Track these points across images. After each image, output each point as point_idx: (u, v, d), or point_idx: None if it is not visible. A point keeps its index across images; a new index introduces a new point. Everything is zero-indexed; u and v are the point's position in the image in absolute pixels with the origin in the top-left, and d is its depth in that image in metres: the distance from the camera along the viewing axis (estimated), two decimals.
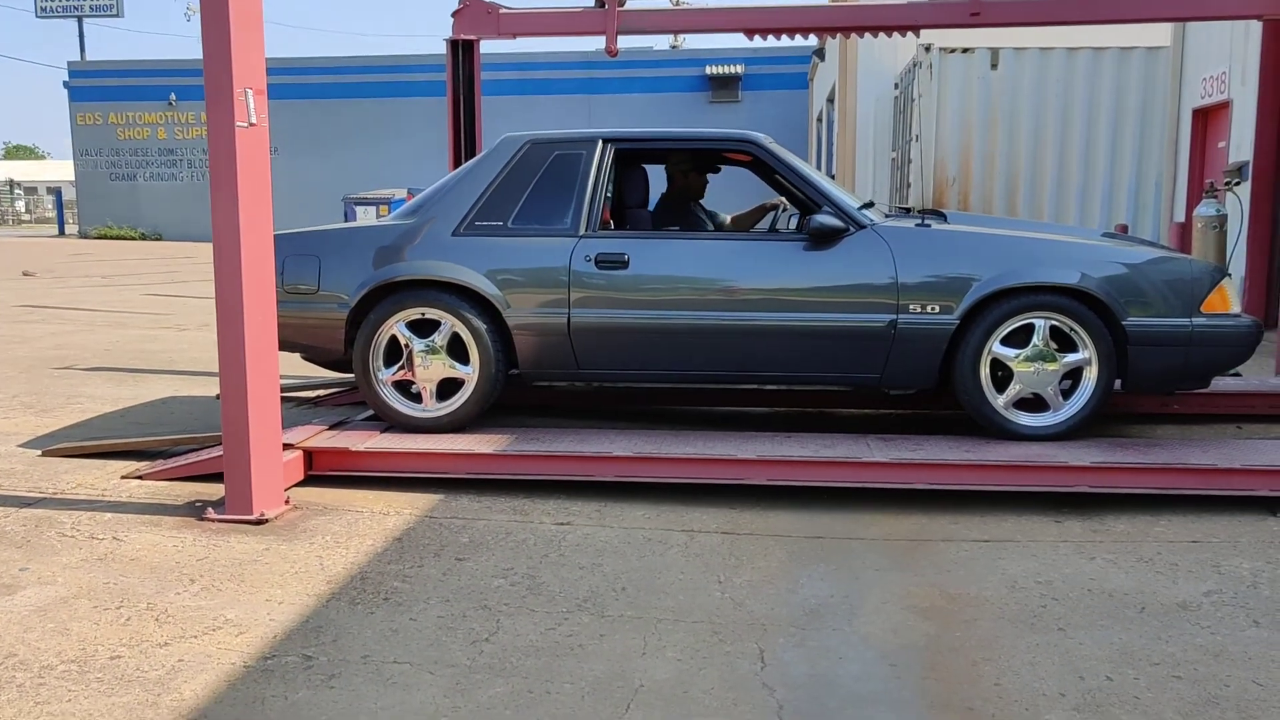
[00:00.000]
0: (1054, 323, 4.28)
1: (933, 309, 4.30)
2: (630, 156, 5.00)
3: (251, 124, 3.72)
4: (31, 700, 2.46)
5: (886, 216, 4.82)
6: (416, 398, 4.60)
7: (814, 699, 2.49)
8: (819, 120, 22.69)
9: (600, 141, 4.68)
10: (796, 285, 4.42)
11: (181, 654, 2.72)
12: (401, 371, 4.56)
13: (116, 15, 34.80)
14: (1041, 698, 2.48)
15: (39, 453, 4.76)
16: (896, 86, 13.57)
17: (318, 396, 5.78)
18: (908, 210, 5.35)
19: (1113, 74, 11.21)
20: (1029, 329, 4.29)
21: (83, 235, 32.71)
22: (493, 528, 3.76)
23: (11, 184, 50.51)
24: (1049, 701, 2.46)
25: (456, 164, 6.28)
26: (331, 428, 4.60)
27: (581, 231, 4.55)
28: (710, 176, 5.54)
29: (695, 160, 5.36)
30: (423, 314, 4.53)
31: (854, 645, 2.79)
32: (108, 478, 4.35)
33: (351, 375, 4.88)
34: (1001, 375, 4.35)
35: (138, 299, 12.61)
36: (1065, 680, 2.57)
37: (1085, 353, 4.29)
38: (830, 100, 18.76)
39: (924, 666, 2.66)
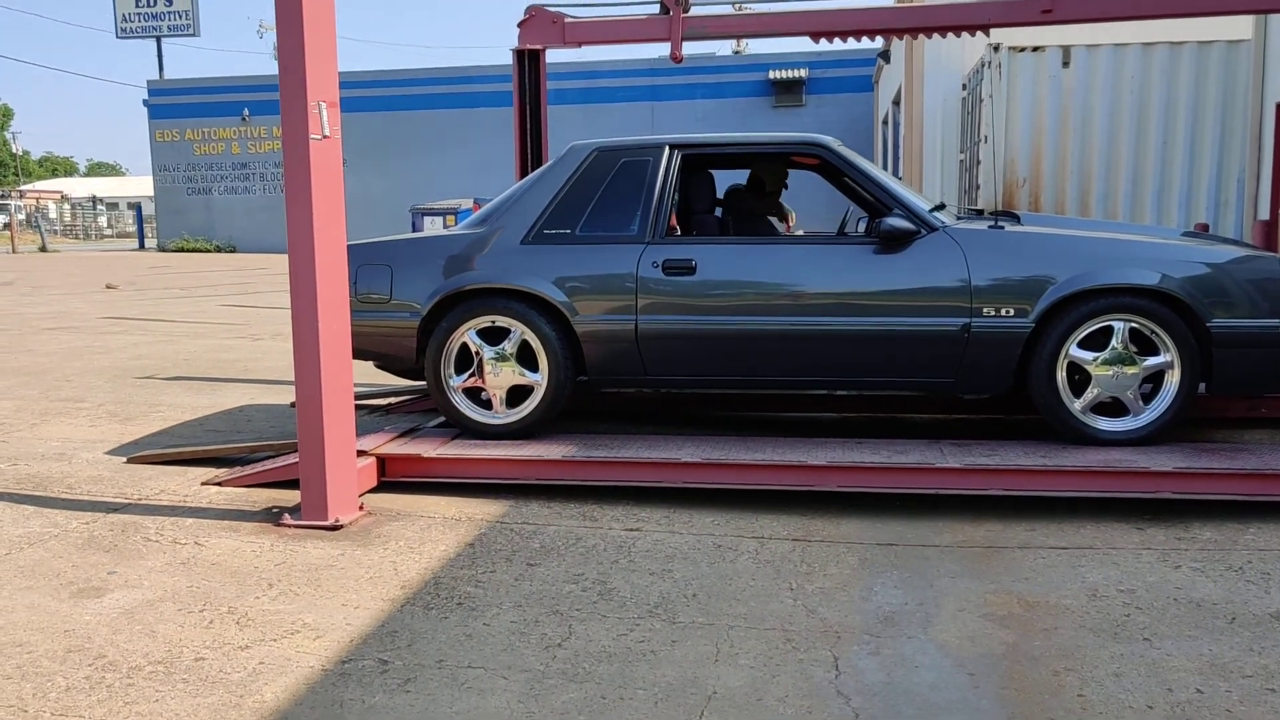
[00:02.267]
0: (1134, 325, 4.17)
1: (1007, 312, 4.22)
2: (696, 162, 5.01)
3: (325, 136, 3.79)
4: (121, 700, 2.53)
5: (958, 218, 4.75)
6: (487, 405, 4.64)
7: (890, 707, 2.45)
8: (884, 123, 22.45)
9: (667, 148, 4.68)
10: (867, 289, 4.37)
11: (262, 657, 2.77)
12: (472, 379, 4.61)
13: (193, 34, 35.81)
14: (1128, 710, 2.41)
15: (124, 460, 4.91)
16: (964, 87, 13.36)
17: (390, 404, 5.87)
18: (980, 212, 5.26)
19: (1191, 69, 10.91)
20: (1108, 331, 4.19)
21: (161, 249, 33.69)
22: (563, 533, 3.77)
23: (94, 200, 52.25)
24: (1136, 714, 2.39)
25: (523, 173, 6.33)
26: (403, 435, 4.66)
27: (648, 238, 4.55)
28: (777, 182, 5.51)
29: (762, 165, 5.33)
30: (493, 321, 4.58)
31: (930, 653, 2.74)
32: (188, 484, 4.46)
33: (423, 383, 4.94)
34: (1079, 379, 4.26)
35: (214, 310, 12.94)
36: (1153, 692, 2.49)
37: (1167, 355, 4.17)
38: (896, 102, 18.55)
39: (1003, 676, 2.61)
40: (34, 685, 2.61)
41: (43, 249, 34.93)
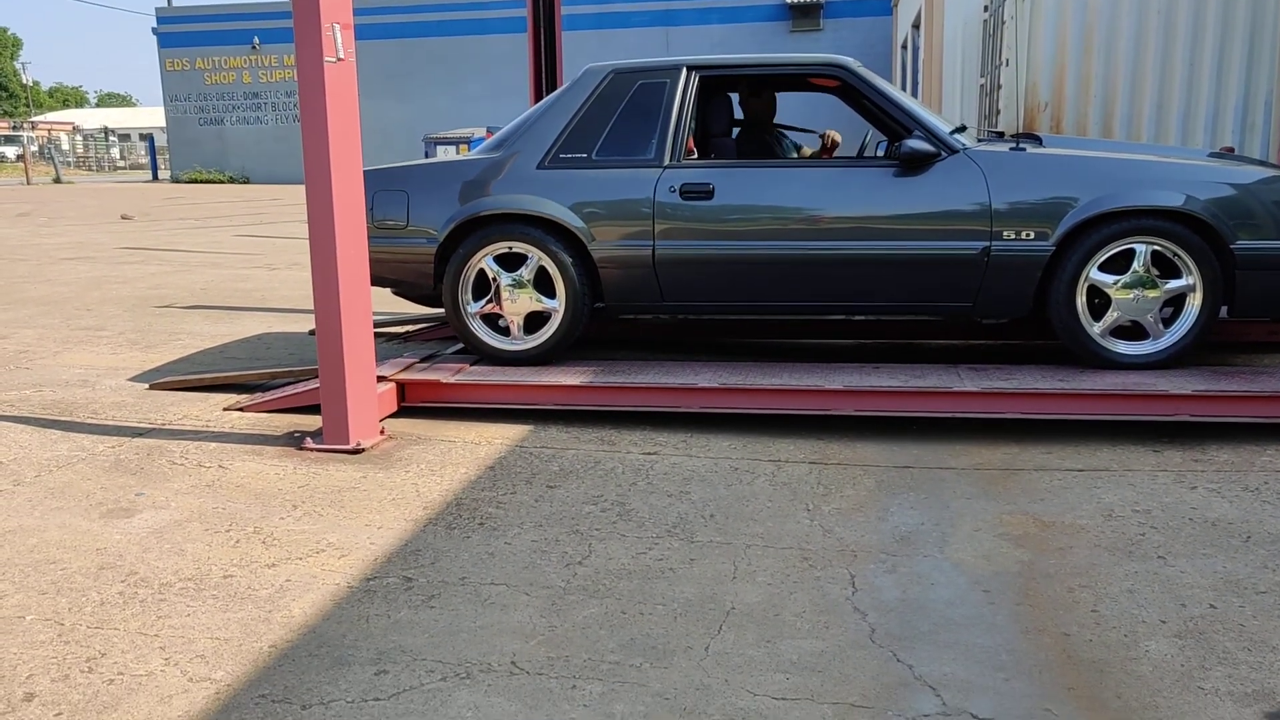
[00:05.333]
0: (1156, 248, 4.13)
1: (1027, 235, 4.18)
2: (714, 84, 4.93)
3: (340, 59, 3.75)
4: (154, 614, 2.60)
5: (979, 140, 4.68)
6: (505, 331, 4.65)
7: (905, 622, 2.49)
8: (904, 47, 22.01)
9: (684, 69, 4.61)
10: (886, 213, 4.33)
11: (288, 574, 2.83)
12: (490, 305, 4.62)
13: None
14: (1141, 625, 2.44)
15: (146, 386, 4.96)
16: (986, 9, 13.05)
17: (408, 331, 5.90)
18: (1001, 134, 5.19)
19: None
20: (1129, 254, 4.15)
21: (174, 180, 33.60)
22: (582, 457, 3.81)
23: (106, 131, 52.00)
24: (1149, 629, 2.42)
25: (538, 99, 6.26)
26: (422, 361, 4.69)
27: (666, 162, 4.51)
28: (796, 105, 5.43)
29: (781, 87, 5.24)
30: (509, 248, 4.56)
31: (945, 571, 2.78)
32: (211, 410, 4.51)
33: (440, 310, 4.96)
34: (1099, 302, 4.23)
35: (229, 240, 12.95)
36: (1166, 608, 2.52)
37: (1189, 278, 4.14)
38: (916, 26, 18.17)
39: (1018, 592, 2.64)
40: (69, 600, 2.68)
41: (57, 180, 34.89)
